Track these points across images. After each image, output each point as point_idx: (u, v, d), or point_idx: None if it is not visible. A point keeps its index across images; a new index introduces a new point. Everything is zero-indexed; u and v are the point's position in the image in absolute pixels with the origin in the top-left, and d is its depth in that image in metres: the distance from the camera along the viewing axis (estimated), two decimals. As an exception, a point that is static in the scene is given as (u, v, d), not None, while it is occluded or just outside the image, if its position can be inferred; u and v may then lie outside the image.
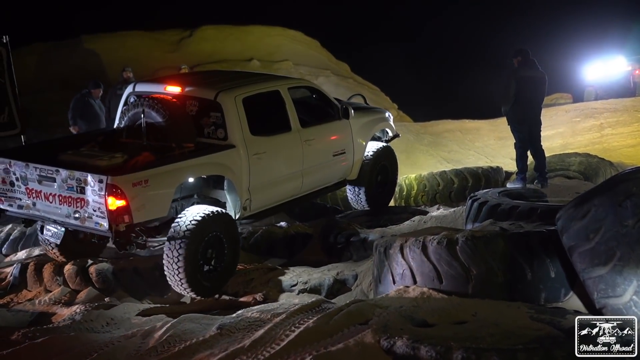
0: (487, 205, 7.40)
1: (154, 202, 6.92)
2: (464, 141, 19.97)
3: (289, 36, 29.91)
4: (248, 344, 4.48)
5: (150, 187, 6.81)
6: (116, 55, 23.70)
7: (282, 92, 8.59)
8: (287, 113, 8.55)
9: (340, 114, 9.25)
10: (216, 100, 7.91)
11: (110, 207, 6.60)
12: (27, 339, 5.44)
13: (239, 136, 7.82)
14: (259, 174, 8.00)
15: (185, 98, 8.11)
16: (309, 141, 8.70)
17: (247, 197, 7.91)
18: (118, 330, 5.67)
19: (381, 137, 10.39)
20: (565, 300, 4.90)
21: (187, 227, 6.95)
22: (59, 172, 6.97)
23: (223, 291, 7.22)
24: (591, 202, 4.74)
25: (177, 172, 7.18)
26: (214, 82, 8.48)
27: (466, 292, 5.03)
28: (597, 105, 21.68)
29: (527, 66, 10.19)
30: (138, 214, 6.72)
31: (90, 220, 6.83)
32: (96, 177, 6.69)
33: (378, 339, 4.15)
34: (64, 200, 6.99)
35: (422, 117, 25.00)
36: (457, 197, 11.32)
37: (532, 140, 10.37)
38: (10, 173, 7.36)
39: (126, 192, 6.61)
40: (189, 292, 7.06)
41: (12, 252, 9.72)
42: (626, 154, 17.03)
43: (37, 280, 7.63)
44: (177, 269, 6.94)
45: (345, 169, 9.44)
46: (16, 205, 7.43)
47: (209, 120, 7.94)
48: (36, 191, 7.20)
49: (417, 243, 5.32)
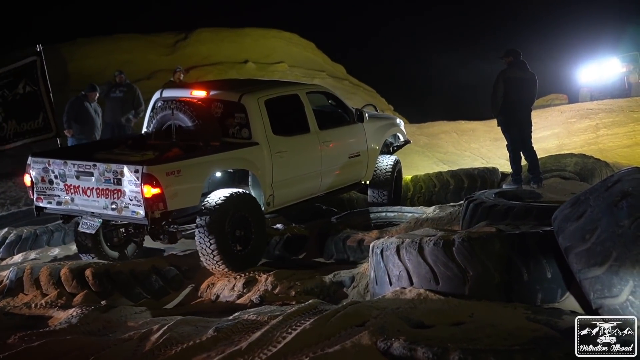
0: (483, 206, 7.41)
1: (186, 191, 7.49)
2: (460, 142, 19.99)
3: (284, 38, 29.94)
4: (245, 346, 4.47)
5: (182, 177, 7.40)
6: (112, 58, 23.70)
7: (301, 96, 9.17)
8: (306, 115, 9.12)
9: (355, 118, 9.86)
10: (240, 102, 8.50)
11: (146, 195, 7.18)
12: (23, 342, 5.42)
13: (262, 135, 8.40)
14: (281, 171, 8.55)
15: (210, 101, 8.70)
16: (326, 142, 9.29)
17: (271, 192, 8.47)
18: (114, 333, 5.65)
19: (393, 143, 10.98)
20: (562, 300, 4.90)
21: (213, 206, 7.56)
22: (96, 166, 7.53)
23: (218, 294, 7.23)
24: (587, 202, 4.75)
25: (207, 164, 7.81)
26: (237, 86, 9.19)
27: (463, 293, 5.03)
28: (593, 105, 21.70)
29: (516, 67, 10.20)
30: (172, 202, 7.30)
31: (127, 210, 7.39)
32: (132, 168, 7.26)
33: (375, 341, 4.14)
34: (101, 192, 7.54)
35: (417, 118, 25.02)
36: (453, 198, 11.33)
37: (523, 142, 10.38)
38: (49, 171, 7.90)
39: (160, 181, 7.20)
40: (227, 271, 7.60)
41: (8, 255, 9.70)
42: (622, 154, 17.05)
43: (34, 284, 7.61)
44: (211, 252, 7.53)
45: (360, 170, 10.04)
46: (55, 202, 7.97)
47: (234, 121, 8.53)
48: (74, 186, 7.75)
49: (413, 244, 5.32)
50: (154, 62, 25.76)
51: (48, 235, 9.91)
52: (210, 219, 7.53)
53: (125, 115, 13.90)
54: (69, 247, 9.80)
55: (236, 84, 9.72)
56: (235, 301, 6.99)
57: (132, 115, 13.99)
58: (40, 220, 10.62)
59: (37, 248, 9.74)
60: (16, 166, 15.49)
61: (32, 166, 8.07)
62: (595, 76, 25.77)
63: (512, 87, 10.11)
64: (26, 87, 9.60)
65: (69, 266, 7.63)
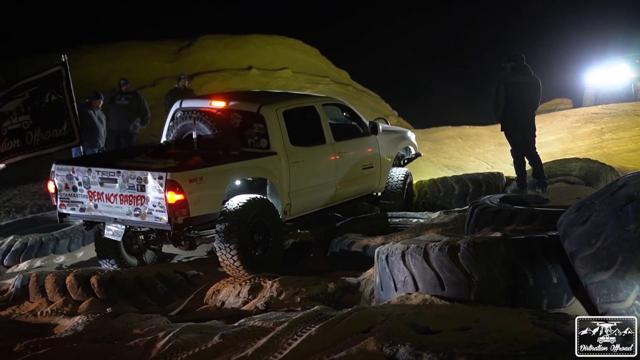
0: (488, 212, 7.40)
1: (208, 198, 7.73)
2: (465, 147, 19.96)
3: (288, 44, 29.94)
4: (250, 352, 4.47)
5: (204, 184, 7.63)
6: (115, 65, 23.74)
7: (317, 108, 9.38)
8: (322, 127, 9.33)
9: (369, 130, 10.00)
10: (259, 113, 8.70)
11: (170, 201, 7.39)
12: (29, 350, 5.43)
13: (280, 145, 8.61)
14: (298, 180, 8.77)
15: (229, 111, 8.91)
16: (341, 154, 9.49)
17: (288, 201, 8.67)
18: (120, 340, 5.65)
19: (404, 155, 11.15)
20: (568, 305, 4.88)
21: (233, 211, 7.75)
22: (120, 173, 7.73)
23: (224, 300, 7.23)
24: (592, 207, 4.74)
25: (227, 172, 8.08)
26: (255, 97, 9.50)
27: (468, 299, 5.03)
28: (597, 110, 21.63)
29: (518, 71, 10.16)
30: (194, 208, 7.52)
31: (150, 216, 7.59)
32: (156, 175, 7.47)
33: (381, 347, 4.14)
34: (125, 199, 7.73)
35: (422, 124, 24.99)
36: (458, 204, 11.31)
37: (527, 146, 10.34)
38: (73, 179, 8.11)
39: (184, 187, 7.42)
40: (247, 275, 7.69)
41: (14, 263, 9.73)
42: (627, 158, 17.00)
43: (39, 292, 7.62)
44: (232, 256, 7.72)
45: (373, 182, 10.21)
46: (78, 209, 8.15)
47: (252, 131, 8.74)
48: (98, 193, 7.94)
49: (418, 250, 5.32)
50: (158, 70, 25.79)
51: (53, 243, 9.92)
52: (230, 223, 7.71)
53: (132, 123, 13.93)
54: (75, 254, 9.83)
55: (255, 95, 10.01)
56: (240, 308, 6.99)
57: (139, 122, 14.03)
58: (46, 228, 10.65)
59: (43, 256, 9.75)
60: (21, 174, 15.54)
61: (56, 173, 8.23)
62: (602, 79, 25.55)
63: (513, 92, 10.08)
64: (52, 96, 9.84)
65: (75, 274, 7.65)
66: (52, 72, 9.85)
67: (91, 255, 9.74)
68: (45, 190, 13.89)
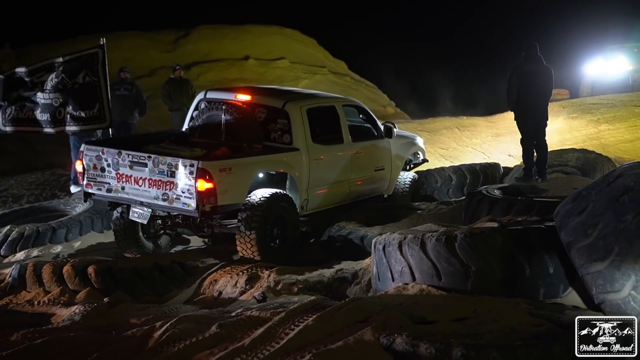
0: (485, 202, 7.42)
1: (235, 188, 7.99)
2: (462, 138, 19.94)
3: (285, 35, 29.90)
4: (248, 342, 4.48)
5: (233, 175, 7.91)
6: (113, 55, 23.64)
7: (337, 108, 9.64)
8: (341, 127, 9.58)
9: (384, 134, 10.20)
10: (284, 109, 8.95)
11: (199, 189, 7.64)
12: (26, 340, 5.43)
13: (302, 141, 8.86)
14: (317, 177, 9.02)
15: (254, 105, 9.15)
16: (357, 154, 9.72)
17: (306, 197, 8.92)
18: (117, 330, 5.65)
19: (412, 160, 11.29)
20: (564, 295, 4.89)
21: (258, 202, 7.98)
22: (152, 158, 7.96)
23: (221, 290, 7.24)
24: (589, 197, 4.75)
25: (254, 164, 8.37)
26: (280, 94, 9.76)
27: (465, 289, 5.04)
28: (594, 100, 21.60)
29: (529, 61, 10.20)
30: (222, 197, 7.77)
31: (178, 201, 7.83)
32: (187, 162, 7.73)
33: (378, 337, 4.14)
34: (153, 183, 7.97)
35: (419, 114, 25.00)
36: (455, 194, 11.33)
37: (537, 136, 10.38)
38: (102, 160, 8.35)
39: (214, 176, 7.67)
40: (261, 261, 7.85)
41: (11, 253, 9.70)
42: (624, 149, 16.99)
43: (36, 281, 7.61)
44: (250, 241, 7.95)
45: (383, 183, 10.41)
46: (105, 189, 8.40)
47: (276, 126, 8.98)
48: (127, 176, 8.18)
49: (415, 240, 5.32)
50: (155, 59, 25.75)
51: (50, 233, 9.91)
52: (253, 213, 7.95)
53: (132, 114, 13.94)
54: (72, 244, 9.81)
55: (280, 92, 10.30)
56: (237, 297, 7.00)
57: (137, 113, 14.04)
58: (43, 218, 10.64)
59: (40, 245, 9.73)
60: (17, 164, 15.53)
61: (85, 153, 8.46)
62: (600, 70, 25.53)
63: (524, 81, 10.14)
64: (86, 77, 10.05)
65: (72, 263, 7.63)
66: (89, 54, 9.97)
67: (89, 244, 9.77)
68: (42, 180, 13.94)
